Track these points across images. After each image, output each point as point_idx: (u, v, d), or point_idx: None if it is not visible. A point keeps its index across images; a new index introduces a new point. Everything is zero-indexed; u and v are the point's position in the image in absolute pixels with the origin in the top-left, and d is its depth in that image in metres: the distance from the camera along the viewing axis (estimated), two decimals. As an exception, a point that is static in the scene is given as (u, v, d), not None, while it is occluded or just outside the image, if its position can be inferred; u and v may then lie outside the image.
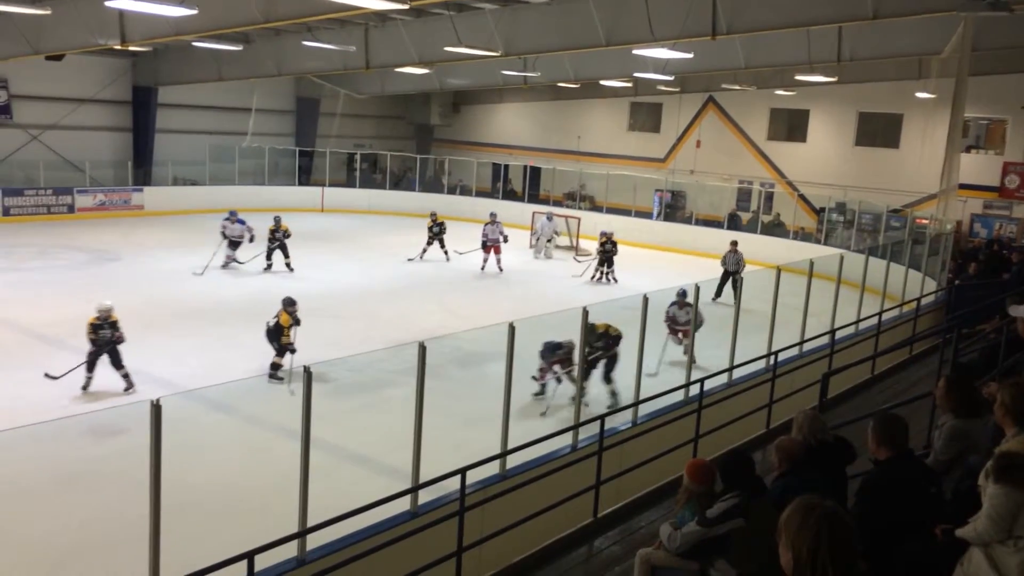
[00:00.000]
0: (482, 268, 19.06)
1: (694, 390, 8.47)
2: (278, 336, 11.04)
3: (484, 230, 19.40)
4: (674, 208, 27.46)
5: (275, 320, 11.11)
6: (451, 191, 29.87)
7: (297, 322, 11.14)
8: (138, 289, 15.22)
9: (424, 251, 20.10)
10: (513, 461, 6.86)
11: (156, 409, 4.66)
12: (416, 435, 6.28)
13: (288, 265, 18.02)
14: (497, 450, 6.72)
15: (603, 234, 18.87)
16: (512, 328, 6.82)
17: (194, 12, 13.37)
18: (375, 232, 22.92)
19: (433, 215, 20.57)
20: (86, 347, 10.47)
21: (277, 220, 18.30)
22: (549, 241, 21.98)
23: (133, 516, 5.09)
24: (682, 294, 11.98)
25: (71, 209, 23.51)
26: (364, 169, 30.27)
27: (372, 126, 33.51)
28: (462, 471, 5.99)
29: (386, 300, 16.10)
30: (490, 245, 19.26)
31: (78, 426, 8.55)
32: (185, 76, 25.47)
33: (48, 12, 15.86)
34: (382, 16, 17.58)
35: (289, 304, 11.22)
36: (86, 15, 16.50)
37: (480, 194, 29.54)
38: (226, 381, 9.65)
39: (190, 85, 26.17)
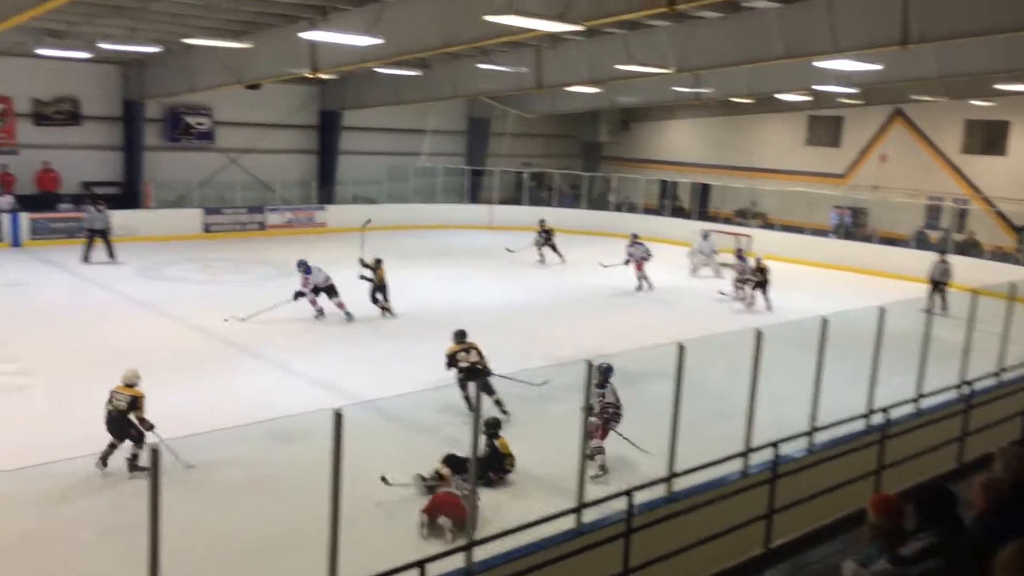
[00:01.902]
0: (638, 288, 19.03)
1: (876, 418, 7.97)
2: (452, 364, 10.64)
3: (628, 250, 19.42)
4: (854, 226, 26.08)
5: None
6: (617, 208, 29.76)
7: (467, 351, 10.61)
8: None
9: (541, 256, 21.80)
10: (680, 483, 6.69)
11: (338, 418, 4.89)
12: (581, 453, 6.26)
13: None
14: (662, 470, 6.58)
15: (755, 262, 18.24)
16: (682, 349, 6.69)
17: (380, 41, 14.10)
18: (545, 250, 23.16)
19: (542, 222, 22.16)
20: (274, 355, 11.19)
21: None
22: (707, 259, 21.43)
23: (309, 518, 5.35)
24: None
25: (262, 226, 25.24)
26: (532, 187, 30.72)
27: (541, 144, 33.98)
28: (628, 492, 5.91)
29: (547, 317, 16.21)
30: (634, 262, 19.21)
31: (264, 430, 9.10)
32: (367, 101, 26.88)
33: (250, 46, 17.21)
34: (555, 37, 17.82)
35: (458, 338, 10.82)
36: (282, 47, 17.77)
37: (648, 211, 29.25)
38: (402, 393, 10.05)
39: (371, 109, 27.61)
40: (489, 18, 11.08)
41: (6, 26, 12.62)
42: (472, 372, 10.20)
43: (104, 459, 8.34)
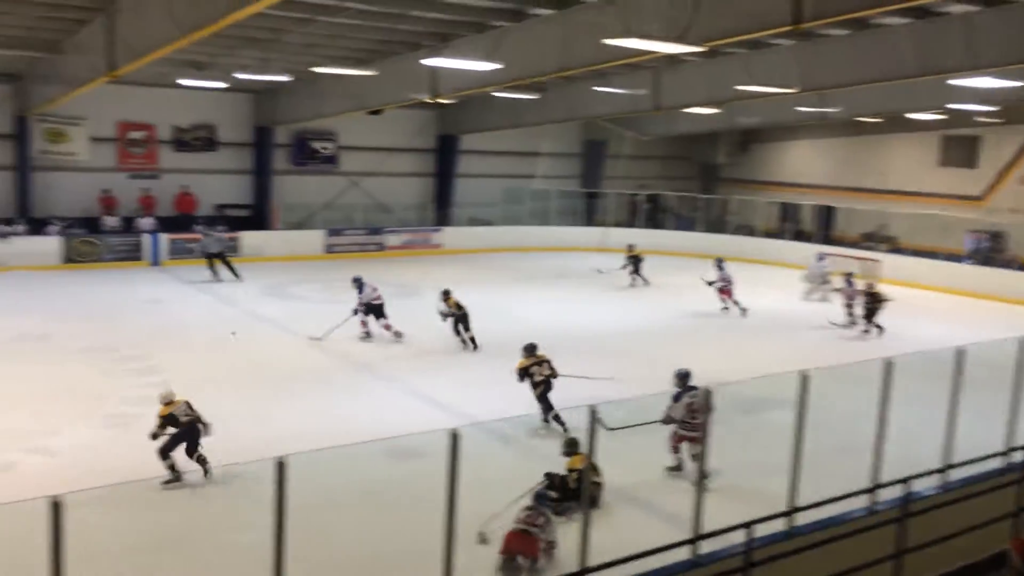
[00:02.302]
0: (723, 309, 18.48)
1: (1017, 456, 7.46)
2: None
3: (719, 274, 18.85)
4: (992, 251, 24.60)
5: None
6: (736, 231, 29.10)
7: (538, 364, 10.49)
8: (433, 323, 16.40)
9: (632, 280, 21.44)
10: (802, 518, 6.43)
11: (454, 438, 4.95)
12: (698, 482, 6.12)
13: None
14: (782, 502, 6.35)
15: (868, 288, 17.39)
16: (805, 378, 6.46)
17: (499, 66, 14.34)
18: (657, 272, 22.90)
19: (630, 247, 21.80)
20: (391, 373, 11.44)
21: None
22: (824, 284, 20.61)
23: (423, 535, 5.41)
24: None
25: (381, 247, 25.95)
26: (647, 209, 30.45)
27: (657, 166, 33.67)
28: (748, 524, 5.72)
29: (666, 341, 15.95)
30: (723, 288, 18.67)
31: (383, 448, 9.29)
32: (484, 124, 27.35)
33: (374, 73, 17.81)
34: (673, 58, 17.67)
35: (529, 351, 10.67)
36: (404, 74, 18.32)
37: (768, 235, 28.48)
38: (519, 415, 10.07)
39: (488, 132, 28.07)
40: (608, 42, 11.08)
41: (152, 58, 13.50)
42: (547, 385, 10.27)
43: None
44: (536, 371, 10.34)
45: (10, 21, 14.90)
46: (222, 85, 21.78)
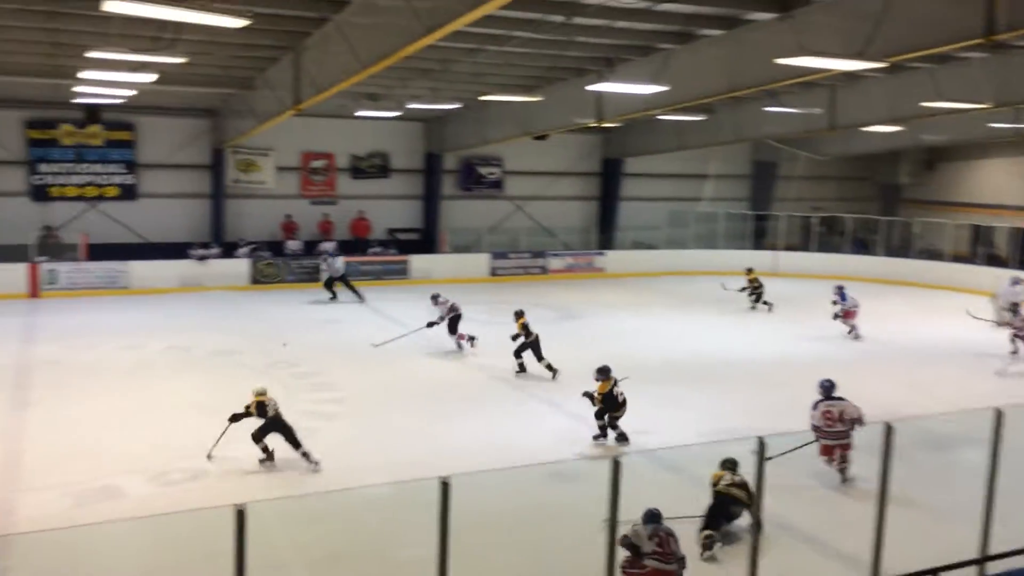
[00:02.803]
0: (849, 333, 17.64)
1: None
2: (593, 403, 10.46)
3: (841, 298, 17.96)
4: None
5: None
6: (920, 255, 27.25)
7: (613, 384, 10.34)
8: (595, 345, 16.31)
9: (752, 305, 20.63)
10: (996, 567, 5.88)
11: (616, 465, 4.87)
12: (877, 522, 5.71)
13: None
14: (972, 549, 5.82)
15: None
16: (999, 415, 5.92)
17: (665, 89, 14.19)
18: (828, 299, 21.73)
19: (748, 271, 21.01)
20: (552, 396, 11.48)
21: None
22: (1014, 310, 18.76)
23: (583, 560, 5.34)
24: None
25: (544, 271, 26.18)
26: (821, 232, 29.10)
27: (832, 188, 32.19)
28: (935, 571, 5.28)
29: (842, 371, 15.06)
30: (847, 311, 17.76)
31: (543, 471, 9.30)
32: (649, 147, 27.14)
33: (540, 99, 18.09)
34: (851, 75, 16.87)
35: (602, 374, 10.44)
36: (570, 99, 18.50)
37: (957, 259, 26.47)
38: (683, 444, 9.82)
39: (653, 155, 27.83)
40: (780, 61, 10.72)
41: (333, 92, 14.31)
42: (625, 406, 10.40)
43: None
44: (618, 392, 10.37)
45: (210, 61, 16.22)
46: (395, 114, 22.78)
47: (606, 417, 10.42)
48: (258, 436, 9.56)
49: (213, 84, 19.35)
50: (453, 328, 15.84)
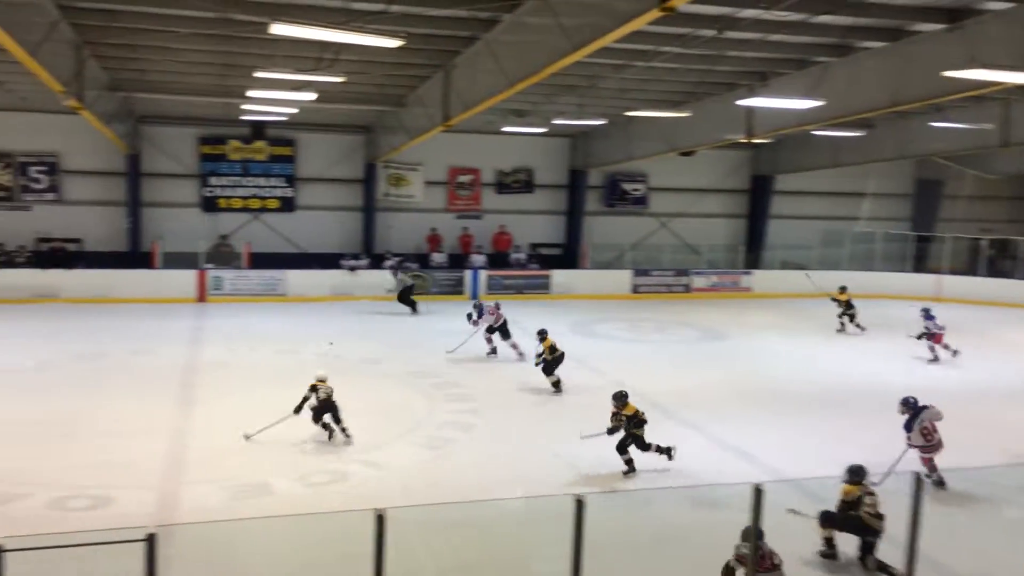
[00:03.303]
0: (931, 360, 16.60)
1: None
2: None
3: (926, 324, 16.81)
4: None
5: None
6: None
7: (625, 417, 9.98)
8: (739, 367, 15.80)
9: (841, 326, 19.71)
10: None
11: (757, 493, 4.67)
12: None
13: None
14: None
15: None
16: None
17: (821, 103, 13.65)
18: (1004, 326, 20.26)
19: (843, 289, 20.01)
20: (693, 418, 11.21)
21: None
22: None
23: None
24: None
25: (687, 289, 25.66)
26: (991, 256, 27.11)
27: (1003, 208, 30.02)
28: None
29: (1013, 404, 13.98)
30: (934, 334, 16.70)
31: (686, 495, 9.07)
32: (801, 164, 26.17)
33: (687, 115, 17.80)
34: (1026, 87, 15.67)
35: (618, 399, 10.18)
36: (719, 114, 18.11)
37: None
38: (821, 476, 9.33)
39: (805, 172, 26.79)
40: (948, 74, 10.09)
41: (481, 108, 14.60)
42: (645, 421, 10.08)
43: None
44: (640, 413, 10.10)
45: (366, 80, 16.92)
46: (541, 130, 23.02)
47: (630, 445, 10.01)
48: (316, 416, 10.79)
49: (368, 102, 20.16)
50: (506, 334, 16.26)
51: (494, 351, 16.33)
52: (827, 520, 7.67)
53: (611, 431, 9.96)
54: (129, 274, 22.04)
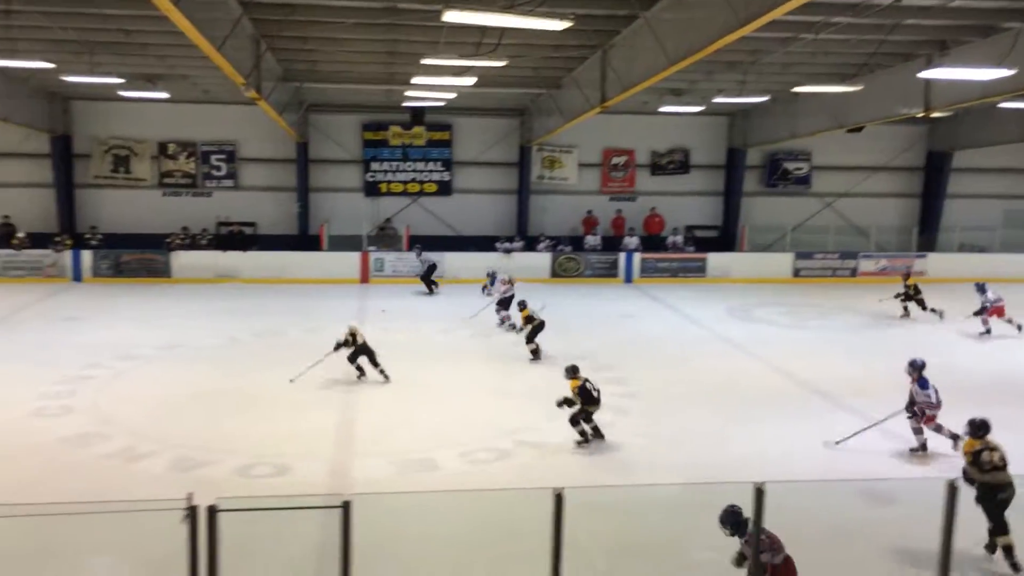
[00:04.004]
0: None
1: None
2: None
3: (982, 298, 16.68)
4: None
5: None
6: None
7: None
8: (908, 356, 14.91)
9: (904, 311, 18.79)
10: None
11: (952, 489, 4.40)
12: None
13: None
14: None
15: None
16: None
17: (1010, 73, 12.62)
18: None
19: (906, 275, 19.51)
20: (856, 404, 10.69)
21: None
22: None
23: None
24: None
25: (853, 273, 24.42)
26: None
27: None
28: None
29: None
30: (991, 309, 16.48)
31: (851, 488, 8.69)
32: (985, 139, 24.24)
33: (858, 89, 16.87)
34: None
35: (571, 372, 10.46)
36: (892, 88, 17.08)
37: None
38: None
39: (987, 148, 24.84)
40: None
41: (639, 89, 14.40)
42: (599, 403, 10.29)
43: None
44: (590, 387, 10.27)
45: (524, 63, 17.03)
46: (698, 109, 22.46)
47: (582, 417, 10.24)
48: (352, 358, 12.71)
49: (524, 85, 20.31)
50: (506, 306, 17.04)
51: (503, 322, 17.21)
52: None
53: (564, 403, 10.23)
54: (299, 256, 23.30)
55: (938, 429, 9.92)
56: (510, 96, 22.62)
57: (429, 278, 21.76)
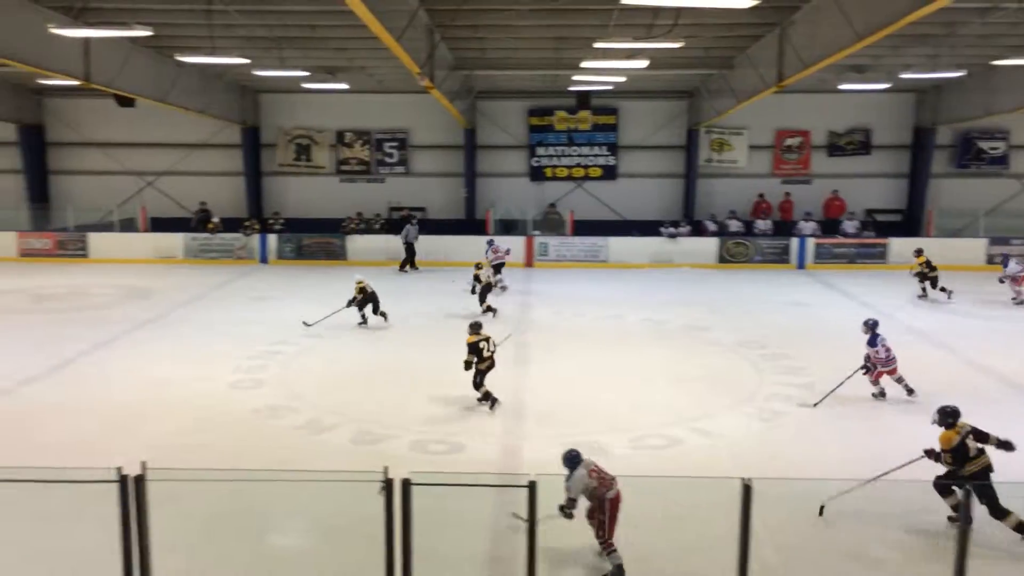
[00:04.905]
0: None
1: None
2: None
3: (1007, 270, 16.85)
4: None
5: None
6: None
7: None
8: None
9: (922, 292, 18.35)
10: None
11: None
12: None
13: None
14: None
15: None
16: None
17: None
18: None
19: (919, 251, 18.59)
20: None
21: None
22: None
23: None
24: None
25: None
26: None
27: None
28: None
29: None
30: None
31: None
32: None
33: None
34: None
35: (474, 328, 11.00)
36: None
37: None
38: None
39: None
40: None
41: (820, 66, 13.73)
42: (492, 363, 10.85)
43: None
44: (484, 347, 10.73)
45: (696, 44, 16.63)
46: (883, 87, 21.18)
47: (479, 378, 10.78)
48: (360, 306, 15.07)
49: (695, 66, 19.85)
50: (498, 270, 18.54)
51: (503, 287, 18.81)
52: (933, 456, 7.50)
53: (466, 365, 10.74)
54: (466, 240, 23.86)
55: (900, 380, 11.12)
56: (679, 78, 22.15)
57: (411, 250, 22.25)
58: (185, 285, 19.75)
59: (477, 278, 16.50)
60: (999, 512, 7.12)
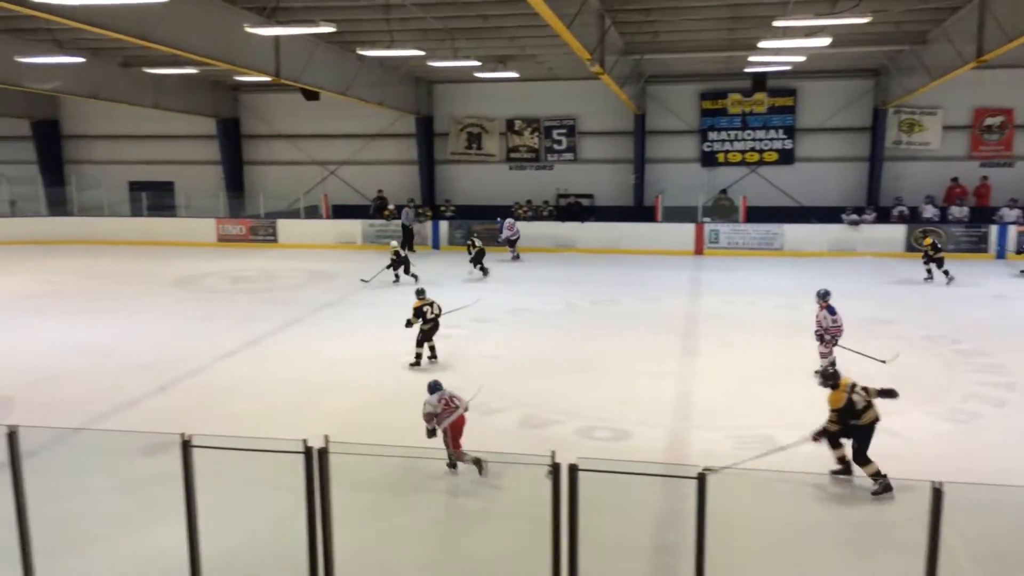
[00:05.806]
0: None
1: None
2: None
3: None
4: None
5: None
6: None
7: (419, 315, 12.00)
8: None
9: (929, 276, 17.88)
10: None
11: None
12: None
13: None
14: None
15: None
16: None
17: None
18: None
19: (924, 233, 18.79)
20: None
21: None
22: None
23: None
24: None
25: None
26: None
27: None
28: None
29: None
30: None
31: None
32: None
33: None
34: None
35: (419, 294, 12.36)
36: None
37: None
38: None
39: None
40: None
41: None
42: (436, 325, 12.07)
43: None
44: (428, 311, 11.94)
45: (882, 19, 15.57)
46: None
47: (421, 338, 12.07)
48: (394, 266, 18.03)
49: (883, 42, 18.66)
50: (512, 244, 21.72)
51: (516, 257, 21.51)
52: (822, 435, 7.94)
53: (407, 323, 12.09)
54: (634, 227, 23.62)
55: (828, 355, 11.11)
56: (864, 55, 20.88)
57: (409, 234, 23.60)
58: (364, 270, 20.69)
59: (473, 243, 19.74)
60: (863, 459, 7.67)
